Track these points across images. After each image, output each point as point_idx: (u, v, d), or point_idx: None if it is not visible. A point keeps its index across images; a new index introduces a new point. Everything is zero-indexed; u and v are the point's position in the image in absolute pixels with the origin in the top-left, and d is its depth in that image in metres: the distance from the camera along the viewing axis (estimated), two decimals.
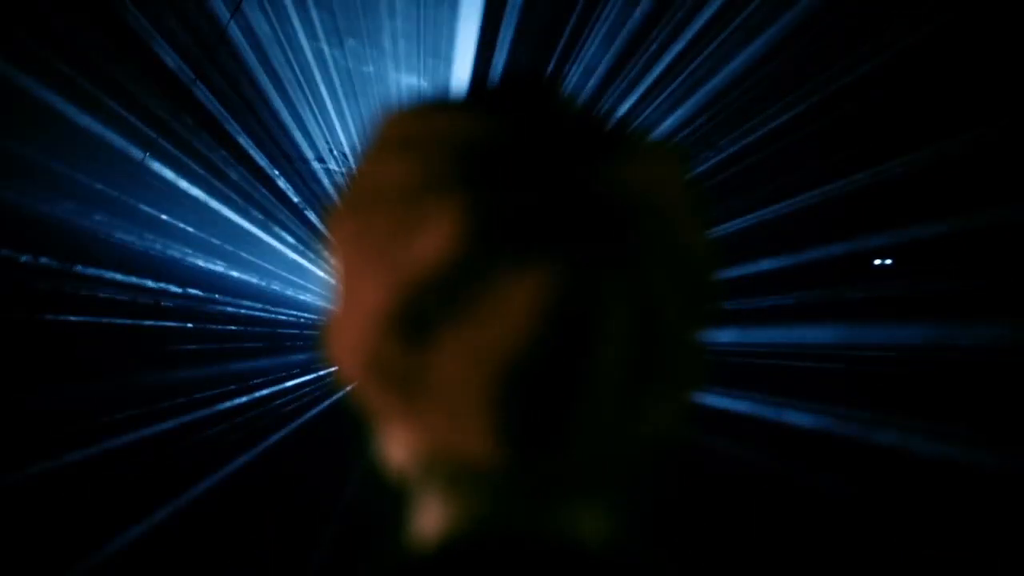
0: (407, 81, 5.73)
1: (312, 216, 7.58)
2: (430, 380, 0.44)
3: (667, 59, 4.55)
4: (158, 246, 5.46)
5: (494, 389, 0.42)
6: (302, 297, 9.13)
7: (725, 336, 4.48)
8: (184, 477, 4.26)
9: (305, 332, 9.08)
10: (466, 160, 0.44)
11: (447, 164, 0.44)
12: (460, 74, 5.36)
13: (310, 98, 6.00)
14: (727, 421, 3.92)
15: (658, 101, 4.81)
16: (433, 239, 0.43)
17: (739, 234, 4.50)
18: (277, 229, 7.58)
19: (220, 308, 6.79)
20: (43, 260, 4.24)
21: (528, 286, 0.41)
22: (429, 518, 0.50)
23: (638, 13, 4.37)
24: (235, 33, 4.86)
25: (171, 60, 4.59)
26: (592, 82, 4.92)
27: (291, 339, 8.55)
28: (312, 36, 5.35)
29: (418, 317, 0.44)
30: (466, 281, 0.42)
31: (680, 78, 4.62)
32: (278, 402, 6.59)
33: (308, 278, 8.98)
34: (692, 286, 0.45)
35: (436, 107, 0.48)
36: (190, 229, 5.75)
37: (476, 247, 0.42)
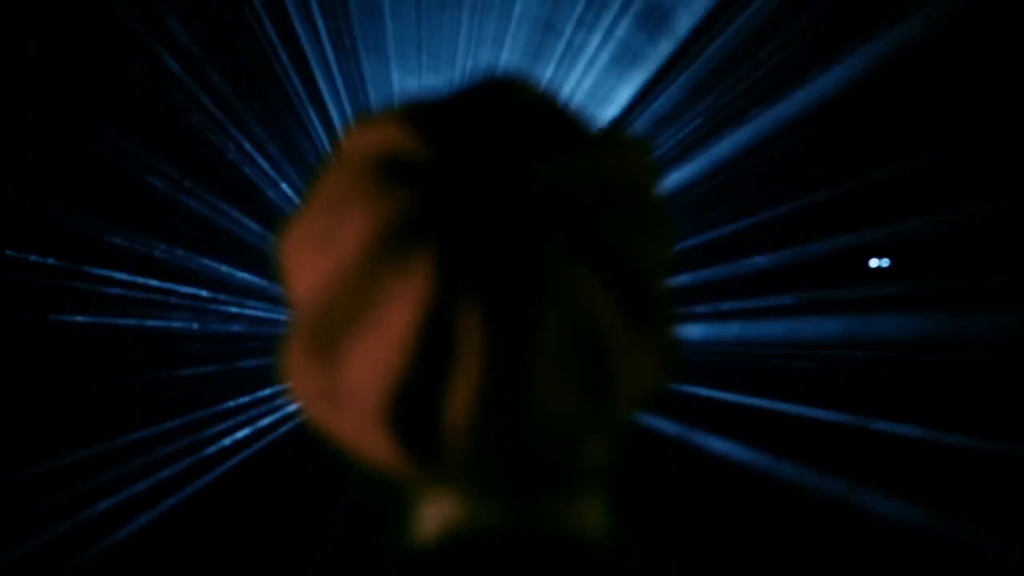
0: (408, 83, 5.74)
1: None
2: (339, 392, 0.45)
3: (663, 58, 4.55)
4: (163, 246, 5.47)
5: (390, 398, 0.43)
6: None
7: (724, 333, 4.47)
8: (185, 476, 4.27)
9: None
10: (388, 169, 0.45)
11: (369, 175, 0.45)
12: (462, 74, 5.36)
13: (312, 100, 6.00)
14: (723, 419, 3.92)
15: (655, 103, 4.82)
16: (340, 250, 0.44)
17: (735, 233, 4.49)
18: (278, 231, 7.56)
19: (224, 308, 6.80)
20: (50, 260, 4.26)
21: (416, 292, 0.41)
22: (423, 518, 0.51)
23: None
24: (236, 34, 4.87)
25: (173, 61, 4.60)
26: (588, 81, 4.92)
27: None
28: (314, 38, 5.36)
29: (325, 330, 0.45)
30: (366, 291, 0.43)
31: (678, 79, 4.63)
32: (280, 401, 6.59)
33: None
34: (629, 287, 0.44)
35: (393, 113, 0.48)
36: (193, 231, 5.76)
37: (376, 256, 0.43)
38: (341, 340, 0.44)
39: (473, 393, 0.42)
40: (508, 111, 0.46)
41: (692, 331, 4.59)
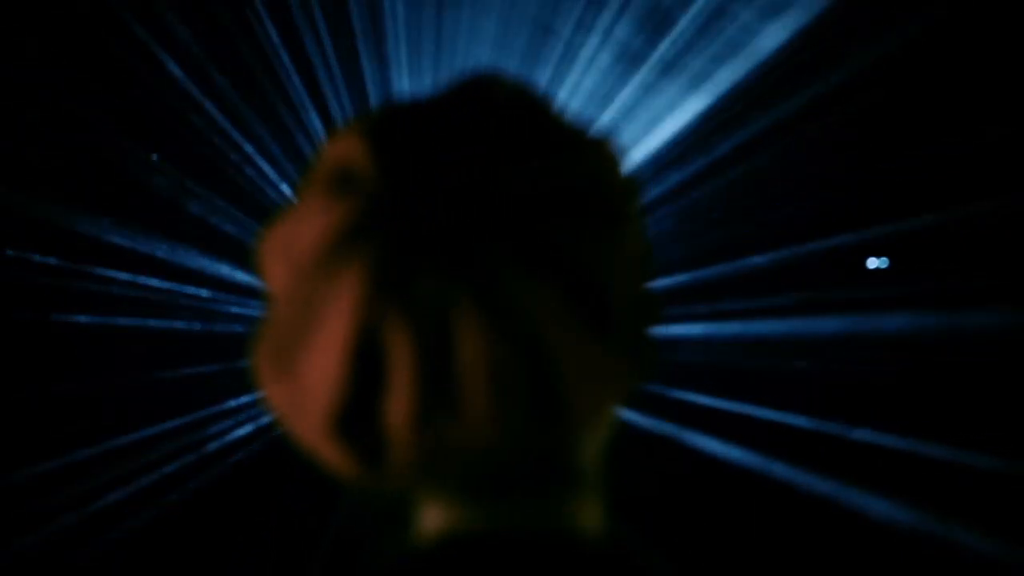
0: (408, 85, 5.74)
1: None
2: (296, 403, 0.46)
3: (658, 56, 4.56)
4: (165, 247, 5.48)
5: (335, 409, 0.44)
6: None
7: (721, 332, 4.47)
8: (186, 474, 4.28)
9: None
10: (338, 182, 0.45)
11: (323, 187, 0.46)
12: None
13: (313, 100, 6.00)
14: (719, 418, 3.93)
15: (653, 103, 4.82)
16: (294, 261, 0.45)
17: (733, 232, 4.49)
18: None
19: (226, 308, 6.81)
20: (52, 260, 4.27)
21: (348, 305, 0.42)
22: (421, 520, 0.51)
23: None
24: (237, 34, 4.88)
25: (173, 63, 4.61)
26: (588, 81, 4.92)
27: None
28: (315, 40, 5.36)
29: (281, 341, 0.46)
30: (310, 303, 0.44)
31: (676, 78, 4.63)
32: None
33: None
34: (585, 294, 0.43)
35: (356, 123, 0.48)
36: (195, 231, 5.77)
37: (317, 269, 0.43)
38: (293, 352, 0.44)
39: (408, 402, 0.42)
40: (471, 117, 0.46)
41: (689, 330, 4.58)
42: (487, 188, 0.42)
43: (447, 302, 0.41)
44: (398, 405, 0.42)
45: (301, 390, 0.45)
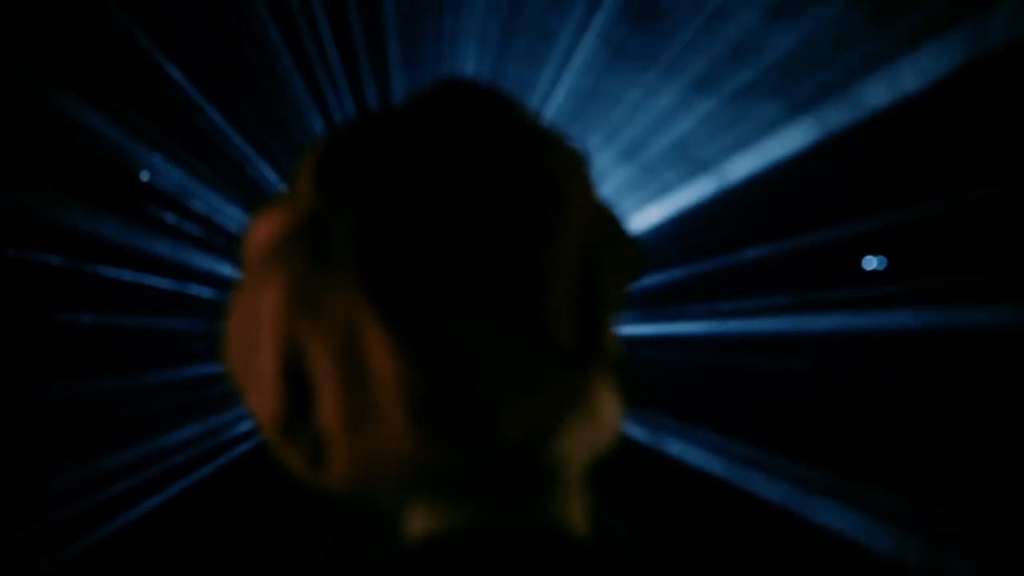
0: (408, 87, 5.75)
1: None
2: (257, 410, 0.47)
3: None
4: (168, 247, 5.49)
5: (279, 417, 0.45)
6: None
7: (718, 330, 4.46)
8: (184, 472, 4.29)
9: None
10: (283, 201, 0.46)
11: (275, 203, 0.47)
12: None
13: (315, 102, 6.01)
14: (711, 419, 3.92)
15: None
16: (247, 272, 0.46)
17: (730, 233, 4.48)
18: None
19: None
20: (55, 260, 4.27)
21: (272, 320, 0.43)
22: (410, 520, 0.52)
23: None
24: (240, 35, 4.88)
25: (175, 62, 4.61)
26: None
27: None
28: (316, 42, 5.37)
29: (240, 350, 0.47)
30: (251, 317, 0.45)
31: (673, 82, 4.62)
32: None
33: None
34: (521, 305, 0.43)
35: (317, 141, 0.48)
36: (198, 231, 5.78)
37: (249, 283, 0.45)
38: (248, 356, 0.46)
39: (336, 410, 0.43)
40: (418, 130, 0.46)
41: (687, 329, 4.58)
42: (413, 203, 0.42)
43: (355, 317, 0.41)
44: (328, 412, 0.43)
45: (259, 394, 0.46)
